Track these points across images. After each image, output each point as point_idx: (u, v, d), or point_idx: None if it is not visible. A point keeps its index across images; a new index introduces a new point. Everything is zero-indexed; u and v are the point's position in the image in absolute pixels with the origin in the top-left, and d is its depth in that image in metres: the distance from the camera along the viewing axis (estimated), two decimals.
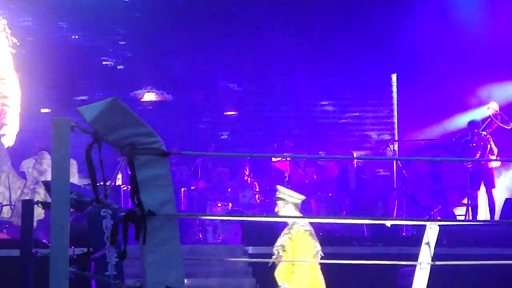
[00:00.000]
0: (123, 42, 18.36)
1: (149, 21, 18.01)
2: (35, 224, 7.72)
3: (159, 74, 18.22)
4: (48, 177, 13.57)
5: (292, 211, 8.24)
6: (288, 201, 8.23)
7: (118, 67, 18.36)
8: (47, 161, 13.65)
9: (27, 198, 13.43)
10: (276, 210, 8.38)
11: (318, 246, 7.98)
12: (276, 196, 8.33)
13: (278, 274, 8.01)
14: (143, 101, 18.33)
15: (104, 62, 18.33)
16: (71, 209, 4.13)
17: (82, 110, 4.02)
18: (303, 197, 8.47)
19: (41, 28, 17.84)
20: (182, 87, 18.31)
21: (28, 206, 5.41)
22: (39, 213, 10.86)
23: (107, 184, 4.42)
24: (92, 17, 17.85)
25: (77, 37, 18.12)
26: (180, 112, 18.20)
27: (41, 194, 13.36)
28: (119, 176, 14.33)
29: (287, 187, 9.42)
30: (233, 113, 18.37)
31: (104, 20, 18.00)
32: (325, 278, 8.35)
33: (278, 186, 8.51)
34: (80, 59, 17.83)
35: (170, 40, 17.90)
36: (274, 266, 8.13)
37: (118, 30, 18.34)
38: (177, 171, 15.04)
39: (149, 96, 18.43)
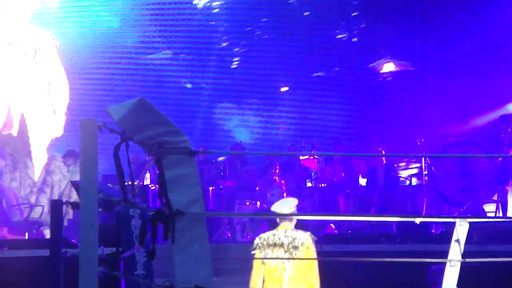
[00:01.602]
0: (355, 13, 17.87)
1: None
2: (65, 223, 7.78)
3: (398, 43, 17.62)
4: (55, 178, 13.70)
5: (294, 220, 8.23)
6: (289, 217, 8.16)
7: (353, 39, 17.95)
8: (56, 162, 13.79)
9: (34, 196, 13.60)
10: (291, 227, 8.23)
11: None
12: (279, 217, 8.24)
13: (291, 279, 7.95)
14: (382, 72, 17.90)
15: (338, 36, 18.03)
16: (100, 209, 4.14)
17: (109, 110, 4.03)
18: (293, 203, 8.38)
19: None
20: (424, 56, 17.67)
21: (57, 206, 5.42)
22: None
23: (135, 183, 4.42)
24: None
25: (308, 13, 18.04)
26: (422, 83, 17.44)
27: (47, 194, 13.49)
28: (147, 175, 14.38)
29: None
30: None
31: None
32: (353, 276, 8.30)
33: (273, 209, 8.38)
34: (314, 35, 17.79)
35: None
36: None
37: (350, 1, 17.92)
38: (205, 169, 15.06)
39: (389, 67, 17.85)
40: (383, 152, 15.87)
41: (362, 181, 15.46)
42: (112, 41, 18.25)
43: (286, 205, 8.29)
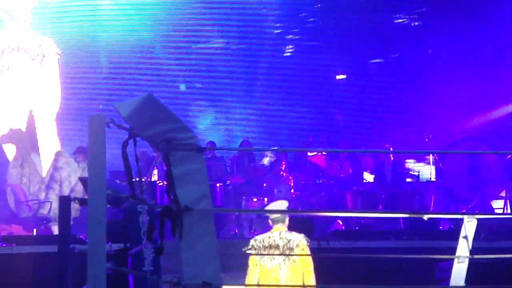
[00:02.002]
0: None
1: None
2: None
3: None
4: (63, 174, 13.75)
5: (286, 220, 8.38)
6: (282, 216, 8.34)
7: (413, 23, 17.35)
8: (63, 159, 13.84)
9: (43, 193, 13.66)
10: (285, 229, 8.39)
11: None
12: (272, 220, 8.40)
13: (287, 280, 8.11)
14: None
15: (396, 20, 17.47)
16: (108, 205, 4.15)
17: (118, 106, 4.04)
18: (283, 204, 8.54)
19: None
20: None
21: (65, 202, 5.44)
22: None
23: (143, 180, 4.43)
24: None
25: None
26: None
27: (55, 190, 13.54)
28: (155, 171, 14.40)
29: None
30: None
31: None
32: (361, 273, 8.37)
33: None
34: (371, 21, 17.40)
35: None
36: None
37: None
38: (212, 166, 15.06)
39: None
40: (391, 149, 15.85)
41: (370, 178, 15.45)
42: (158, 30, 18.01)
43: (277, 208, 8.53)
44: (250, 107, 18.24)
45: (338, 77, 17.72)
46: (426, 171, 16.03)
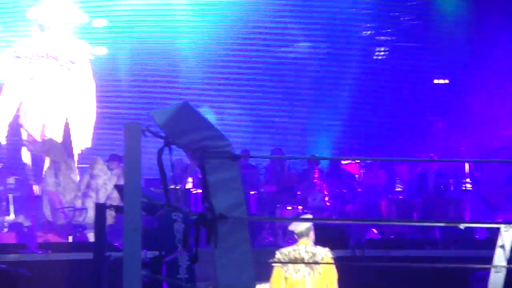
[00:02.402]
0: None
1: None
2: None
3: None
4: (99, 181, 13.82)
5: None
6: (306, 230, 8.44)
7: None
8: (99, 166, 13.92)
9: (80, 201, 13.74)
10: (310, 243, 8.46)
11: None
12: (297, 234, 8.49)
13: None
14: None
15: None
16: (143, 213, 4.16)
17: (153, 114, 4.05)
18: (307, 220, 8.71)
19: None
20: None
21: (101, 209, 5.46)
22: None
23: (178, 187, 4.44)
24: None
25: None
26: None
27: (92, 197, 13.61)
28: (189, 179, 14.44)
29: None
30: None
31: None
32: (397, 282, 8.35)
33: (290, 229, 8.66)
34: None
35: None
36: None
37: None
38: (247, 173, 15.08)
39: None
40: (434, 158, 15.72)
41: (405, 186, 15.35)
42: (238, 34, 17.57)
43: (300, 225, 8.56)
44: (336, 113, 17.45)
45: (436, 81, 16.75)
46: (462, 180, 15.89)
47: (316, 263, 8.21)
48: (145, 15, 17.52)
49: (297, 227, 8.50)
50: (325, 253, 8.35)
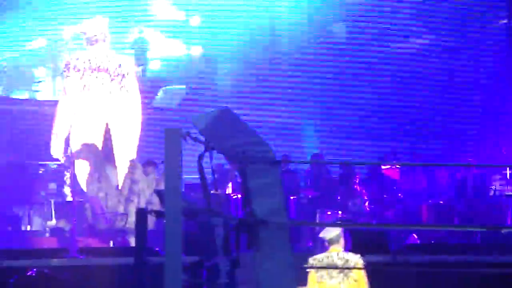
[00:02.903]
0: None
1: None
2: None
3: None
4: (140, 186, 13.90)
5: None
6: (336, 237, 8.48)
7: None
8: (138, 171, 14.00)
9: (122, 206, 13.82)
10: (342, 249, 8.54)
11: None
12: (328, 242, 8.54)
13: None
14: None
15: None
16: (183, 217, 4.17)
17: (194, 119, 4.07)
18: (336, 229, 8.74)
19: None
20: None
21: (141, 214, 5.49)
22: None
23: (218, 192, 4.45)
24: None
25: None
26: None
27: (135, 203, 13.68)
28: (230, 184, 14.46)
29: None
30: None
31: None
32: (439, 286, 8.34)
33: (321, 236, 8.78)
34: None
35: None
36: None
37: None
38: (286, 178, 15.07)
39: None
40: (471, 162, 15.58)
41: (445, 191, 15.23)
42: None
43: (332, 229, 8.72)
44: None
45: None
46: (505, 184, 15.71)
47: (348, 268, 8.29)
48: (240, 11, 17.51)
49: (328, 233, 8.62)
50: (356, 260, 8.43)
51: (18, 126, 17.94)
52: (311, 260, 8.60)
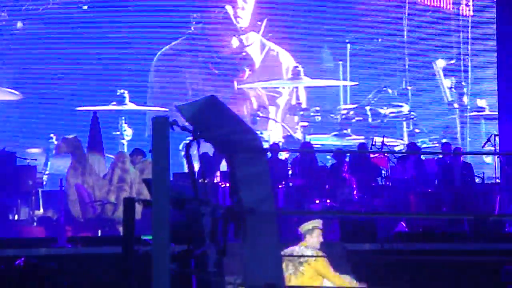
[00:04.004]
0: None
1: None
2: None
3: None
4: (132, 176, 13.86)
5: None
6: (306, 231, 8.82)
7: None
8: (127, 160, 13.97)
9: (113, 195, 13.77)
10: (311, 244, 8.63)
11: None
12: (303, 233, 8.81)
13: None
14: None
15: None
16: (171, 207, 4.16)
17: (180, 108, 4.05)
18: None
19: None
20: None
21: (129, 203, 5.47)
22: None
23: (206, 181, 4.44)
24: None
25: None
26: None
27: (127, 192, 13.65)
28: (217, 173, 14.44)
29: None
30: None
31: None
32: (426, 275, 8.38)
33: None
34: None
35: None
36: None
37: None
38: (274, 167, 15.05)
39: None
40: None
41: (433, 179, 15.26)
42: None
43: (308, 222, 8.98)
44: None
45: None
46: (491, 172, 15.77)
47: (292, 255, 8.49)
48: None
49: (301, 226, 8.93)
50: (309, 257, 8.65)
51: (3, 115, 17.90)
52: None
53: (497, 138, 15.89)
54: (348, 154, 15.68)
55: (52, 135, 17.28)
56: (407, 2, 17.51)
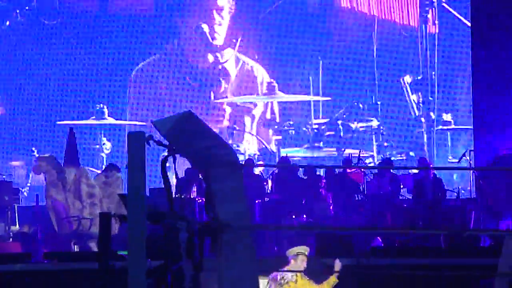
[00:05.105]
0: None
1: None
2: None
3: None
4: (101, 191, 13.80)
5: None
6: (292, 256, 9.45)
7: None
8: (89, 174, 13.96)
9: (87, 211, 13.71)
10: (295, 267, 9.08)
11: None
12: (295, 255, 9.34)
13: None
14: None
15: None
16: (147, 222, 4.17)
17: (156, 123, 4.06)
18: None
19: None
20: None
21: (105, 218, 5.47)
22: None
23: (182, 196, 4.46)
24: None
25: None
26: None
27: (98, 206, 13.59)
28: (194, 188, 14.42)
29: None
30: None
31: None
32: None
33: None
34: None
35: None
36: None
37: None
38: (249, 182, 15.05)
39: None
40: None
41: (409, 195, 15.33)
42: None
43: (299, 251, 9.56)
44: None
45: None
46: (466, 188, 15.84)
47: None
48: None
49: (288, 251, 9.56)
50: (290, 278, 9.20)
51: None
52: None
53: (472, 153, 15.96)
54: (322, 169, 15.73)
55: (33, 148, 17.32)
56: (376, 19, 17.79)
